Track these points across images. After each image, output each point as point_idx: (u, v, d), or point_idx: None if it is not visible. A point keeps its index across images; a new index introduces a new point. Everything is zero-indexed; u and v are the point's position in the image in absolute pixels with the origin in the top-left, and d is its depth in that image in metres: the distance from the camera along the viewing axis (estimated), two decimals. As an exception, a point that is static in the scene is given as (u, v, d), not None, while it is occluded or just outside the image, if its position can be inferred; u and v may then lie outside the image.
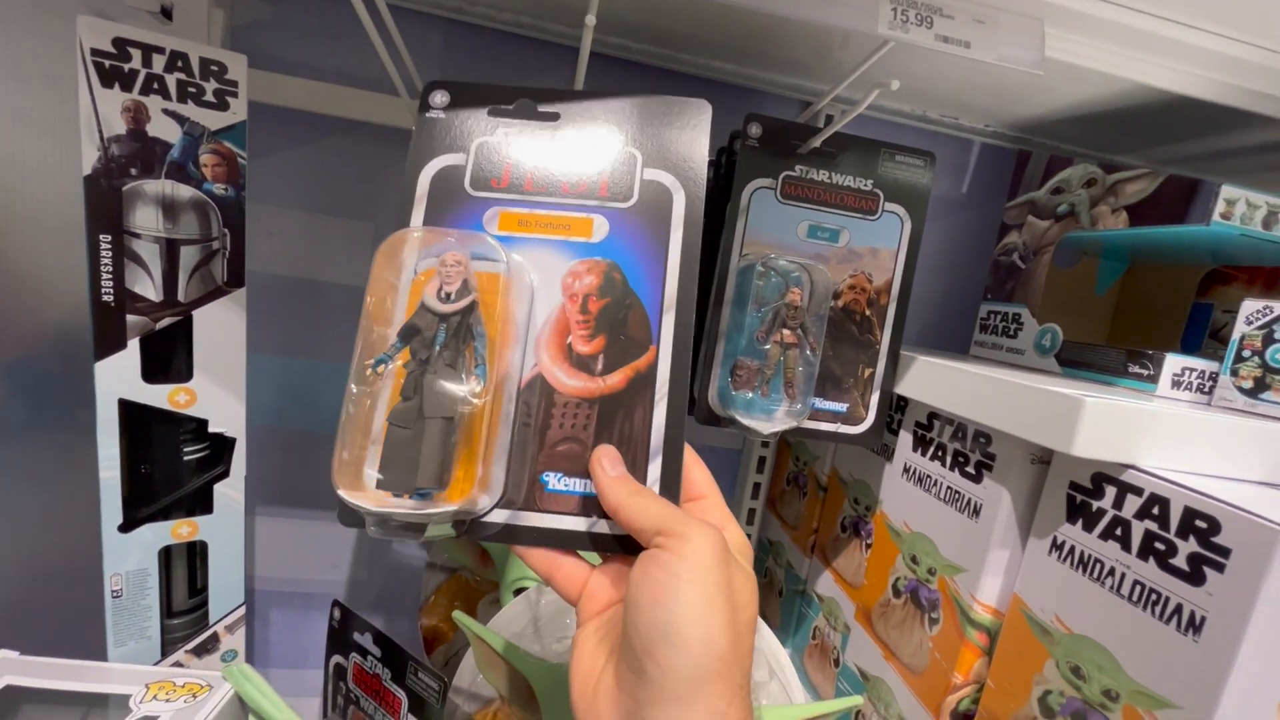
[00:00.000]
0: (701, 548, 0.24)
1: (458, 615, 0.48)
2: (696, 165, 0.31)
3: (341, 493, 0.26)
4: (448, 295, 0.27)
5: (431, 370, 0.26)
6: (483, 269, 0.28)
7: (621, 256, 0.30)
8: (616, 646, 0.26)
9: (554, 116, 0.31)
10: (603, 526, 0.28)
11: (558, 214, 0.30)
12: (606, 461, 0.28)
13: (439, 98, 0.32)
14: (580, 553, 0.30)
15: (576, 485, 0.28)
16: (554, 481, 0.29)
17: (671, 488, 0.28)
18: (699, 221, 0.30)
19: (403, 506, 0.26)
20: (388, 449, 0.26)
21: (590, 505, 0.28)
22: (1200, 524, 0.30)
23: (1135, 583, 0.32)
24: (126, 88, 0.39)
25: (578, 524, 0.28)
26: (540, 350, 0.29)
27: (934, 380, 0.46)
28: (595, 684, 0.26)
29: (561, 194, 0.30)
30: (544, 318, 0.29)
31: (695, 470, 0.30)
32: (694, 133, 0.31)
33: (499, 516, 0.28)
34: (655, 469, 0.28)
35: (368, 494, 0.26)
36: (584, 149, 0.31)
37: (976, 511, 0.42)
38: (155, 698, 0.44)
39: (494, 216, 0.30)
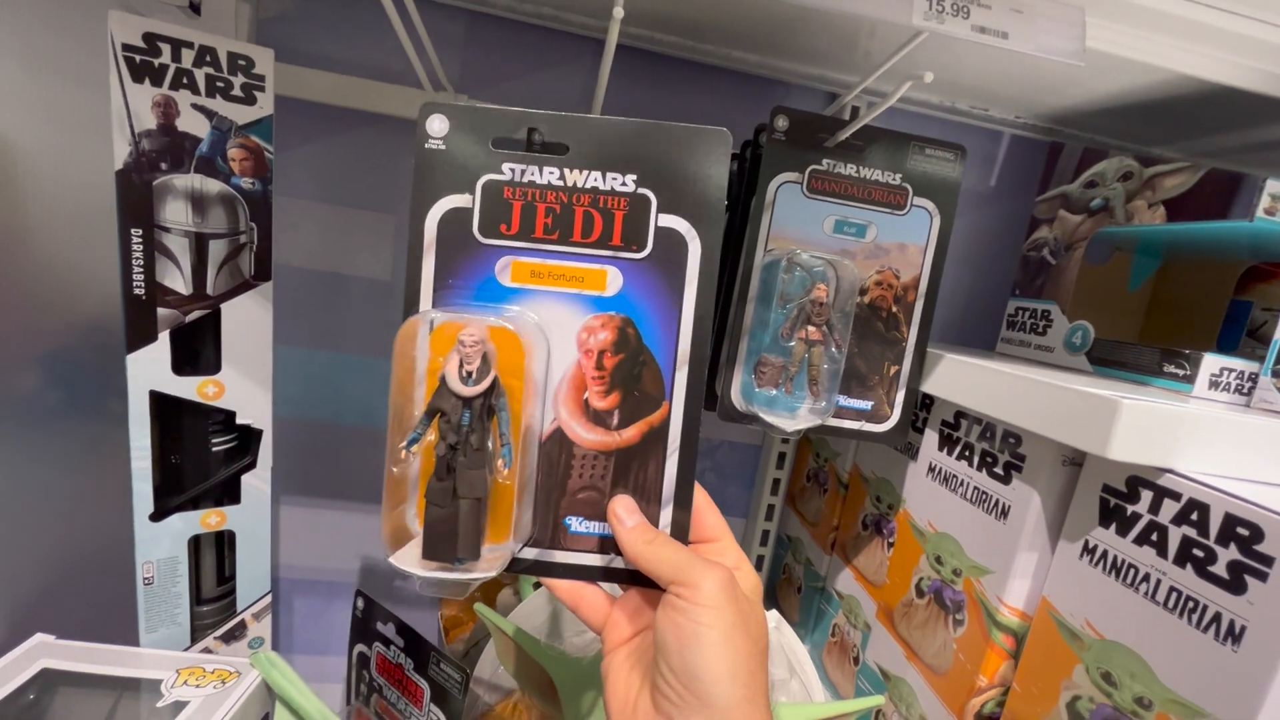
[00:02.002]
0: (714, 591, 0.27)
1: (479, 608, 0.48)
2: (713, 208, 0.29)
3: (393, 560, 0.28)
4: (468, 375, 0.28)
5: (461, 453, 0.28)
6: (501, 324, 0.28)
7: (635, 311, 0.30)
8: (648, 671, 0.29)
9: (562, 149, 0.29)
10: (620, 563, 0.31)
11: (571, 265, 0.29)
12: (623, 511, 0.30)
13: (437, 124, 0.29)
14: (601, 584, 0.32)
15: (595, 528, 0.31)
16: (576, 524, 0.31)
17: (681, 533, 0.31)
18: (714, 272, 0.29)
19: (448, 572, 0.28)
20: (428, 526, 0.28)
21: (608, 545, 0.31)
22: (1242, 531, 0.29)
23: (1171, 589, 0.32)
24: (157, 83, 0.39)
25: (598, 560, 0.31)
26: (559, 405, 0.30)
27: (962, 379, 0.45)
28: (634, 706, 0.29)
29: (573, 242, 0.29)
30: (561, 372, 0.30)
31: (709, 515, 0.32)
32: (712, 169, 0.29)
33: (529, 554, 0.31)
34: (666, 516, 0.30)
35: (415, 560, 0.28)
36: (596, 189, 0.29)
37: (1005, 513, 0.41)
38: (185, 683, 0.45)
39: (506, 267, 0.29)
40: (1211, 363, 0.42)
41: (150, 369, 0.43)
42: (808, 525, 0.69)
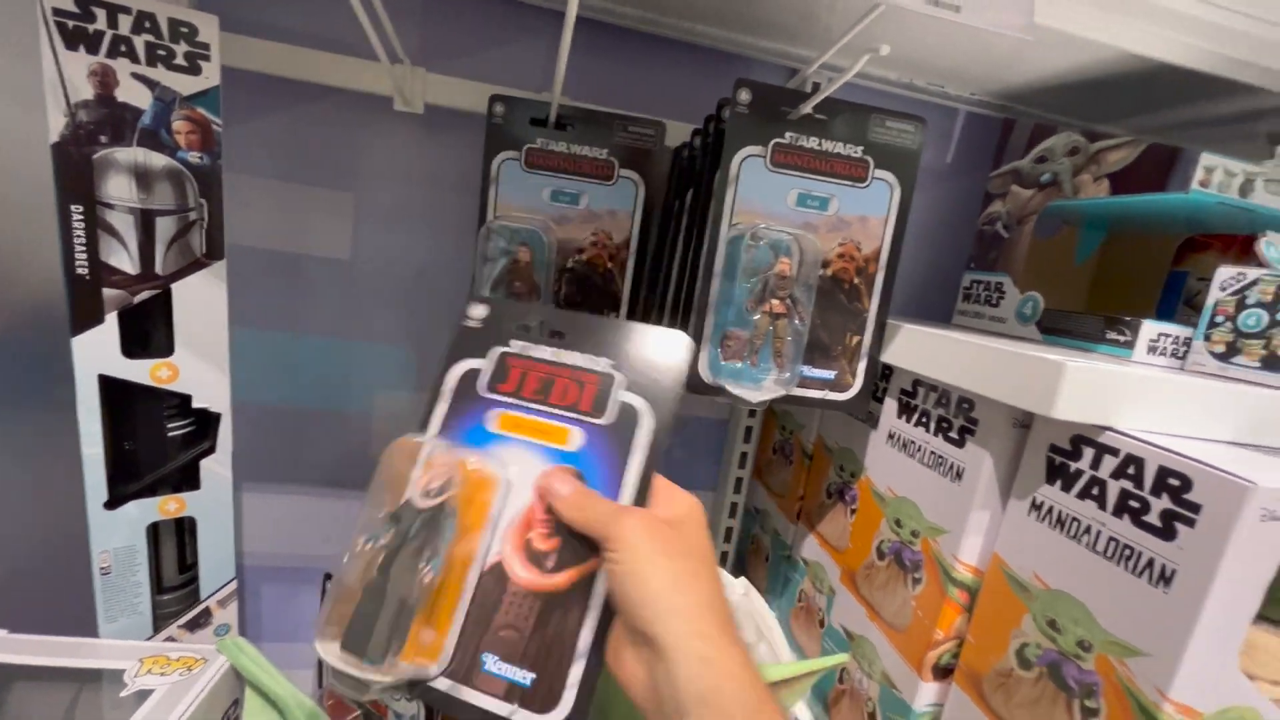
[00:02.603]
0: (631, 537, 0.29)
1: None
2: (667, 391, 0.35)
3: (316, 644, 0.30)
4: (428, 492, 0.32)
5: (400, 556, 0.31)
6: (481, 463, 0.34)
7: (588, 468, 0.33)
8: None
9: (561, 335, 0.36)
10: (522, 717, 0.30)
11: (543, 421, 0.35)
12: (557, 483, 0.32)
13: (479, 310, 0.38)
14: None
15: (507, 671, 0.31)
16: (490, 663, 0.31)
17: (589, 686, 0.31)
18: (660, 446, 0.34)
19: (357, 669, 0.30)
20: (354, 617, 0.30)
21: (514, 693, 0.31)
22: (1173, 482, 0.31)
23: (1110, 539, 0.34)
24: (92, 50, 0.37)
25: (502, 709, 0.31)
26: (505, 541, 0.33)
27: (919, 348, 0.46)
28: (640, 682, 0.29)
29: (550, 404, 0.35)
30: (515, 512, 0.33)
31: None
32: (672, 361, 0.35)
33: (442, 685, 0.31)
34: (577, 671, 0.30)
35: (333, 651, 0.30)
36: (577, 366, 0.36)
37: (959, 475, 0.43)
38: (150, 672, 0.44)
39: (495, 417, 0.35)
40: (1150, 329, 0.44)
41: (98, 352, 0.41)
42: (774, 497, 0.70)
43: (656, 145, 0.54)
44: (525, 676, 0.30)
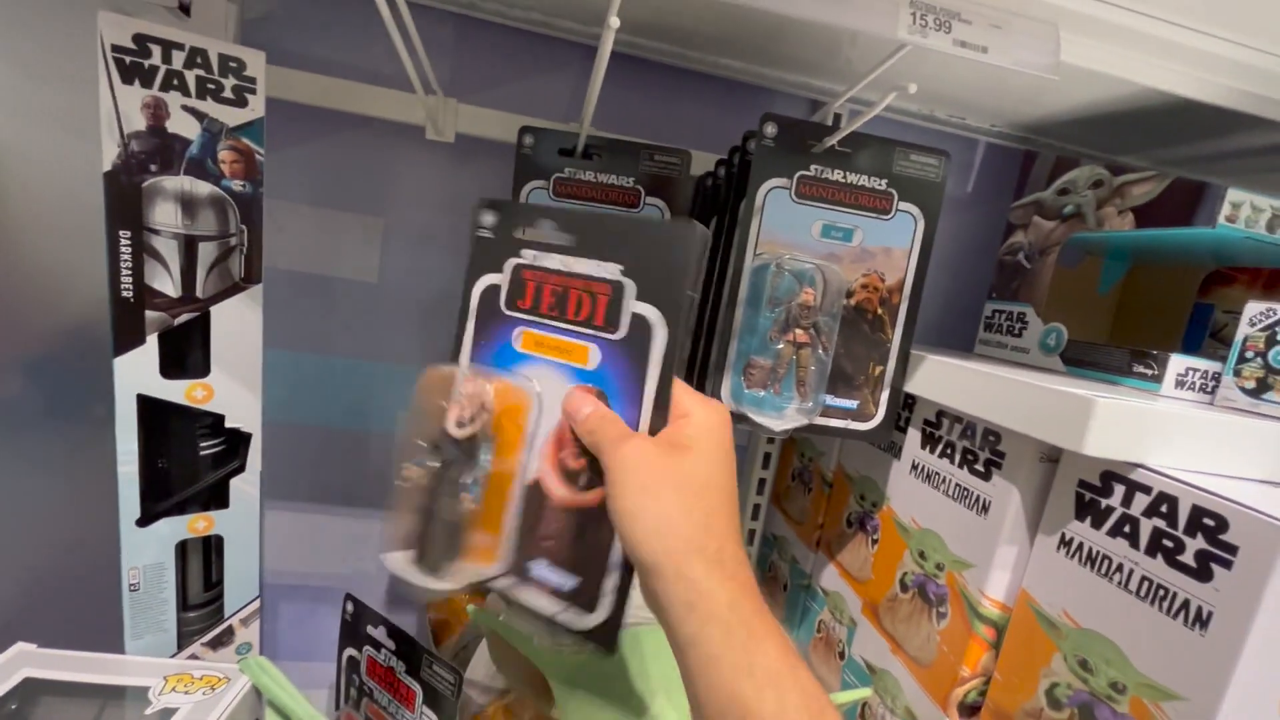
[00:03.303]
0: (624, 472, 0.29)
1: (473, 610, 0.48)
2: (679, 295, 0.32)
3: (383, 557, 0.34)
4: (462, 422, 0.33)
5: (444, 482, 0.33)
6: (516, 384, 0.35)
7: (608, 385, 0.34)
8: None
9: (570, 241, 0.35)
10: (566, 618, 0.33)
11: (563, 339, 0.35)
12: (577, 404, 0.32)
13: (488, 218, 0.36)
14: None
15: (553, 575, 0.34)
16: (537, 568, 0.34)
17: (624, 594, 0.32)
18: (674, 356, 0.33)
19: (422, 580, 0.34)
20: (414, 536, 0.34)
21: (560, 596, 0.33)
22: (1208, 522, 0.31)
23: (1143, 579, 0.33)
24: (147, 84, 0.39)
25: (551, 607, 0.33)
26: (542, 459, 0.34)
27: (944, 379, 0.46)
28: None
29: (568, 319, 0.34)
30: (548, 428, 0.34)
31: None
32: (683, 259, 0.32)
33: (501, 584, 0.34)
34: (611, 581, 0.32)
35: (399, 561, 0.34)
36: (588, 276, 0.34)
37: (985, 508, 0.43)
38: (174, 690, 0.44)
39: (519, 335, 0.35)
40: (1178, 363, 0.44)
41: (138, 372, 0.42)
42: (793, 524, 0.70)
43: (682, 174, 0.55)
44: (568, 581, 0.33)
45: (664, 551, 0.27)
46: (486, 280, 0.36)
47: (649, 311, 0.33)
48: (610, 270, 0.33)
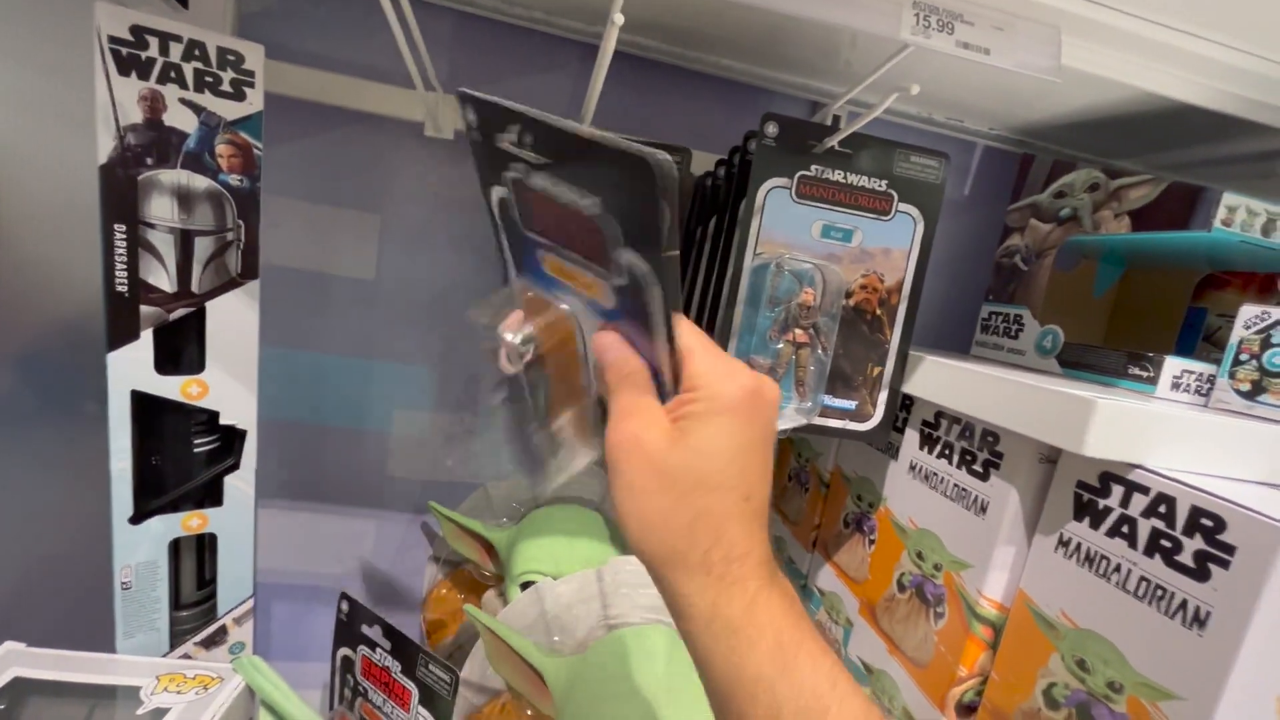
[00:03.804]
0: (609, 449, 0.26)
1: (469, 609, 0.48)
2: (656, 239, 0.25)
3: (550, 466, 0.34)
4: (511, 359, 0.31)
5: (528, 409, 0.33)
6: (561, 310, 0.32)
7: (626, 326, 0.29)
8: None
9: (544, 159, 0.28)
10: None
11: (580, 272, 0.29)
12: (604, 350, 0.28)
13: (470, 115, 0.30)
14: None
15: None
16: None
17: None
18: (670, 311, 0.27)
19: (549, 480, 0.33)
20: (518, 456, 0.34)
21: None
22: (1206, 522, 0.31)
23: (1141, 579, 0.33)
24: (144, 76, 0.38)
25: None
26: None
27: (943, 380, 0.46)
28: None
29: (576, 251, 0.29)
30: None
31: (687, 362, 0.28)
32: (655, 193, 0.23)
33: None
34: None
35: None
36: (574, 204, 0.27)
37: (984, 509, 0.43)
38: (166, 689, 0.44)
39: (544, 258, 0.31)
40: (1173, 365, 0.44)
41: (132, 368, 0.42)
42: (789, 524, 0.70)
43: (682, 171, 0.55)
44: None
45: (649, 556, 0.26)
46: (498, 191, 0.31)
47: (637, 262, 0.26)
48: (591, 204, 0.26)
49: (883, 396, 0.49)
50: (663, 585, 0.26)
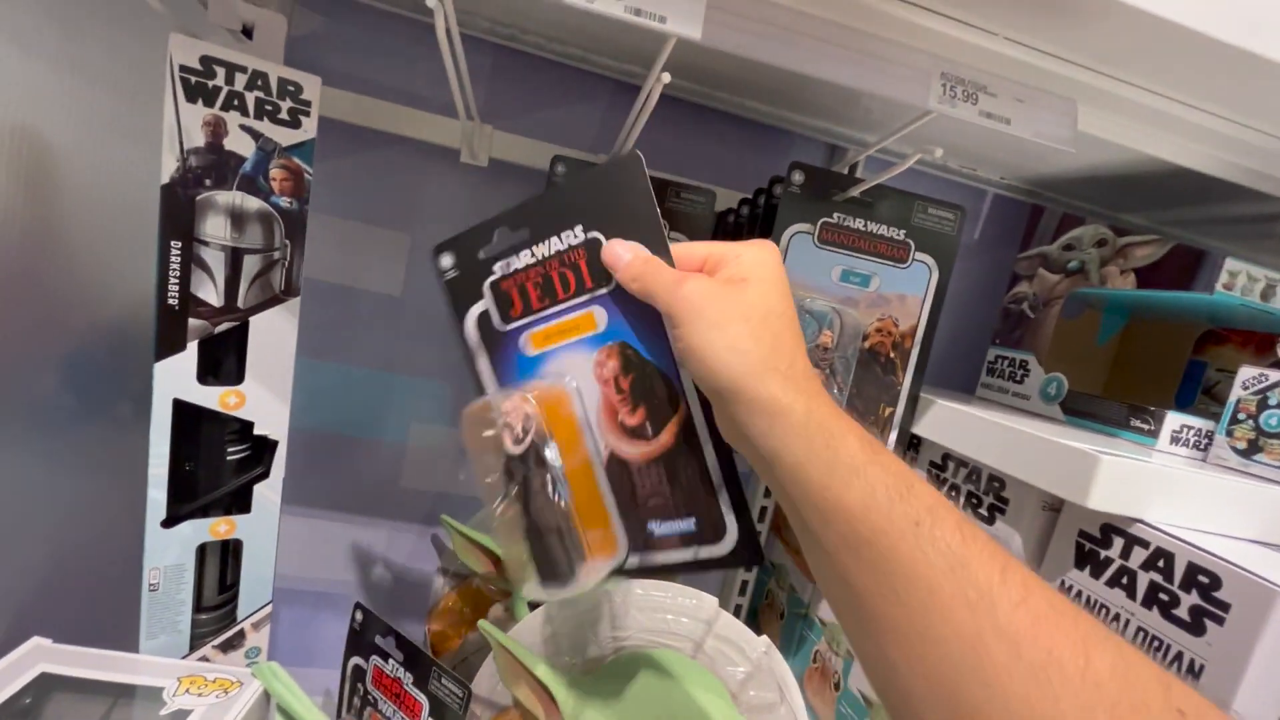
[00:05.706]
0: (689, 311, 0.29)
1: (484, 625, 0.49)
2: (646, 220, 0.33)
3: (525, 592, 0.37)
4: (517, 439, 0.34)
5: (530, 498, 0.34)
6: (548, 386, 0.35)
7: (626, 334, 0.34)
8: None
9: (526, 234, 0.35)
10: (704, 553, 0.34)
11: (565, 319, 0.35)
12: (620, 249, 0.33)
13: (446, 260, 0.37)
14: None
15: (672, 527, 0.34)
16: (656, 528, 0.35)
17: (742, 509, 0.34)
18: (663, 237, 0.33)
19: (562, 592, 0.35)
20: (533, 559, 0.35)
21: (689, 539, 0.34)
22: (1203, 579, 0.32)
23: (1139, 629, 0.35)
24: (209, 103, 0.41)
25: (685, 555, 0.35)
26: (604, 434, 0.35)
27: (952, 424, 0.48)
28: (726, 429, 0.31)
29: (561, 299, 0.35)
30: (594, 406, 0.35)
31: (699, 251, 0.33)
32: (635, 188, 0.33)
33: (633, 562, 0.35)
34: (725, 500, 0.33)
35: (535, 587, 0.35)
36: (560, 251, 0.35)
37: (988, 551, 0.44)
38: (188, 692, 0.45)
39: (527, 341, 0.36)
40: (1173, 420, 0.46)
41: (176, 377, 0.44)
42: (792, 553, 0.71)
43: (707, 211, 0.58)
44: (688, 523, 0.34)
45: (740, 375, 0.28)
46: (474, 311, 0.37)
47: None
48: (576, 233, 0.34)
49: (893, 437, 0.51)
50: (754, 404, 0.28)
